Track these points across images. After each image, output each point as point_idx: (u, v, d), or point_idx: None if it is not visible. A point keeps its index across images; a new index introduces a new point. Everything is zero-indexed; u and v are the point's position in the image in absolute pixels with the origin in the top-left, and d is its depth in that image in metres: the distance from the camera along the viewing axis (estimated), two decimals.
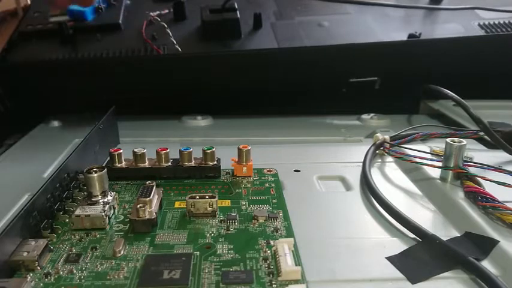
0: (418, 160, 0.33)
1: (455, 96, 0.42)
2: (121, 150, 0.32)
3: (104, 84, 0.49)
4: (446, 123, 0.47)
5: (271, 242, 0.24)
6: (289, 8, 0.56)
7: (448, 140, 0.30)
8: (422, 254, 0.24)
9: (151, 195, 0.26)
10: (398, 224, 0.26)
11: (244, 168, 0.32)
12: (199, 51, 0.48)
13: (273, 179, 0.32)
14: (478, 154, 0.35)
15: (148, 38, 0.49)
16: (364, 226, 0.27)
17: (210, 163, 0.32)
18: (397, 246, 0.24)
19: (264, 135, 0.45)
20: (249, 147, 0.32)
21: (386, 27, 0.52)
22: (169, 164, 0.32)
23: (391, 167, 0.35)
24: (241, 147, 0.32)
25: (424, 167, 0.32)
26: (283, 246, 0.23)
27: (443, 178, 0.31)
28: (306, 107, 0.53)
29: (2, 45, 0.51)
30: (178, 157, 0.32)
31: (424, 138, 0.40)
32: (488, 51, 0.51)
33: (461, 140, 0.30)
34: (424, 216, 0.28)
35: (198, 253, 0.23)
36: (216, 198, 0.27)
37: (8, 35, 0.52)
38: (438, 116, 0.51)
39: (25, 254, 0.22)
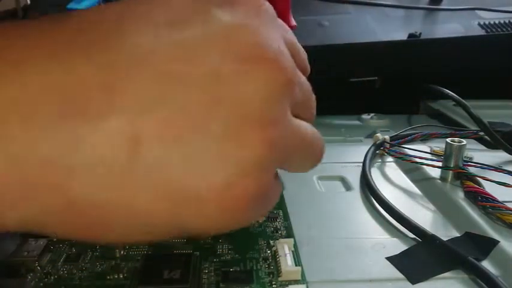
0: (418, 160, 0.33)
1: (455, 96, 0.42)
2: None
3: None
4: (446, 123, 0.47)
5: (271, 242, 0.24)
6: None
7: (448, 140, 0.30)
8: (422, 254, 0.24)
9: None
10: (398, 224, 0.26)
11: None
12: None
13: None
14: (478, 154, 0.35)
15: None
16: (364, 226, 0.27)
17: None
18: (397, 246, 0.24)
19: None
20: None
21: (387, 27, 0.52)
22: None
23: (391, 167, 0.35)
24: None
25: (424, 167, 0.32)
26: (283, 247, 0.23)
27: (443, 178, 0.31)
28: None
29: None
30: None
31: (424, 138, 0.40)
32: (488, 51, 0.51)
33: (461, 140, 0.30)
34: (424, 216, 0.28)
35: (198, 253, 0.23)
36: None
37: None
38: (438, 116, 0.51)
39: (25, 254, 0.22)
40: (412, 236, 0.25)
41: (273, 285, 0.21)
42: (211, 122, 0.14)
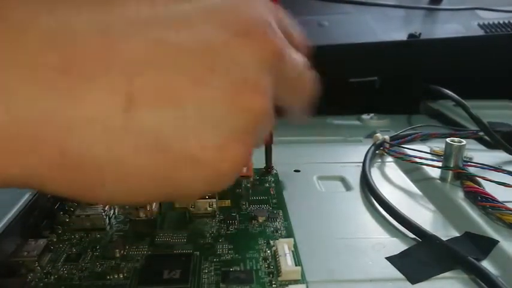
0: (418, 160, 0.33)
1: (455, 96, 0.42)
2: None
3: None
4: (446, 123, 0.47)
5: (271, 242, 0.24)
6: (289, 8, 0.56)
7: (448, 140, 0.30)
8: (422, 254, 0.24)
9: None
10: (398, 224, 0.26)
11: (245, 168, 0.32)
12: None
13: (273, 179, 0.32)
14: (478, 154, 0.35)
15: None
16: (364, 226, 0.27)
17: None
18: (397, 246, 0.24)
19: None
20: None
21: (387, 27, 0.52)
22: None
23: (391, 167, 0.35)
24: None
25: (424, 167, 0.32)
26: (283, 246, 0.23)
27: (443, 178, 0.31)
28: None
29: None
30: None
31: (424, 138, 0.40)
32: (488, 51, 0.51)
33: (461, 140, 0.30)
34: (424, 216, 0.28)
35: (198, 253, 0.23)
36: (216, 198, 0.27)
37: None
38: (438, 116, 0.51)
39: (25, 254, 0.22)
40: (412, 236, 0.25)
41: (273, 285, 0.21)
42: (205, 87, 0.14)
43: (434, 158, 0.32)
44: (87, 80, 0.13)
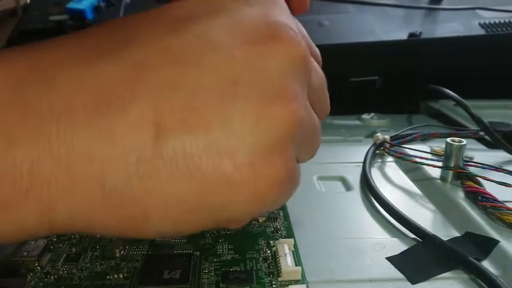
0: (418, 160, 0.33)
1: (456, 96, 0.42)
2: None
3: None
4: (446, 123, 0.47)
5: (271, 242, 0.24)
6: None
7: (448, 139, 0.30)
8: (422, 254, 0.24)
9: None
10: (398, 224, 0.26)
11: None
12: None
13: None
14: (479, 154, 0.35)
15: None
16: (364, 226, 0.27)
17: None
18: (397, 246, 0.24)
19: None
20: None
21: (387, 27, 0.52)
22: None
23: (391, 167, 0.35)
24: None
25: (424, 166, 0.32)
26: (283, 247, 0.23)
27: (443, 178, 0.31)
28: None
29: (1, 44, 0.51)
30: None
31: (424, 138, 0.40)
32: (488, 50, 0.51)
33: (462, 139, 0.30)
34: (424, 216, 0.28)
35: (198, 253, 0.23)
36: None
37: (8, 34, 0.52)
38: (438, 116, 0.51)
39: (25, 254, 0.22)
40: (412, 236, 0.25)
41: (273, 285, 0.21)
42: (230, 102, 0.14)
43: (435, 158, 0.32)
44: (114, 113, 0.13)
